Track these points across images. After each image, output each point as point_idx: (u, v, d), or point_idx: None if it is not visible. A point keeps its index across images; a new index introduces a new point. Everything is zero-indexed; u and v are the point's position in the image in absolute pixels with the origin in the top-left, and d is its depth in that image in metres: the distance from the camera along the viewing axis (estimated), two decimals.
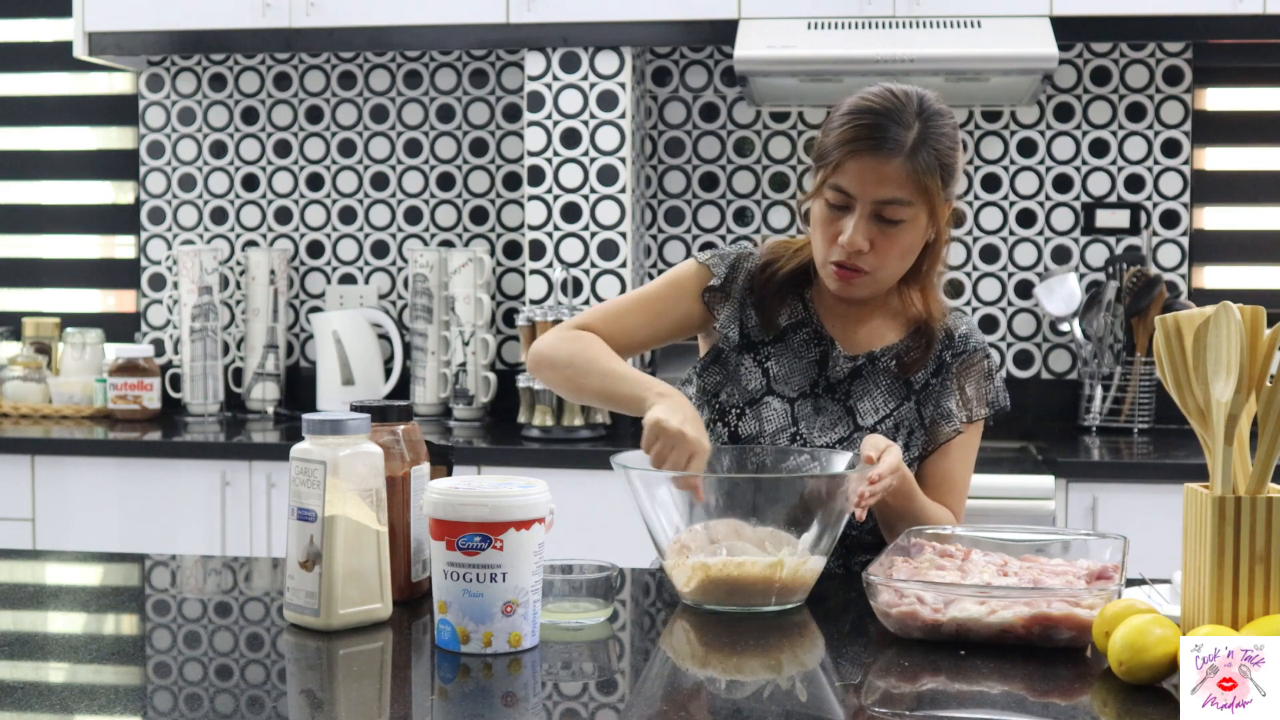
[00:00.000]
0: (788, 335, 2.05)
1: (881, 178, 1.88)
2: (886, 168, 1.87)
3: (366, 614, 1.61)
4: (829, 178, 1.91)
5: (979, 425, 2.07)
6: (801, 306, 2.05)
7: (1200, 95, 3.88)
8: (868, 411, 2.01)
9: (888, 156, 1.87)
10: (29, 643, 1.64)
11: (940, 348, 2.03)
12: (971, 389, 2.04)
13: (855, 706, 1.41)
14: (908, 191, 1.88)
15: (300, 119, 4.12)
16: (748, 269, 2.06)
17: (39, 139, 4.31)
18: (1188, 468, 3.16)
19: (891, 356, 2.02)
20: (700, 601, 1.73)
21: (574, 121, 3.69)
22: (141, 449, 3.54)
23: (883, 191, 1.88)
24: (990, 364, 2.06)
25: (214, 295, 3.94)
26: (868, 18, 3.51)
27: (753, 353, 2.05)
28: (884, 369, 2.02)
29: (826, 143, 1.92)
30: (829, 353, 2.03)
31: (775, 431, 2.01)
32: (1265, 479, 1.46)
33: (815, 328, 2.04)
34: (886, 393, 2.02)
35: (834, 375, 2.03)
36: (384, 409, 1.72)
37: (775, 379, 2.03)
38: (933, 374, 2.03)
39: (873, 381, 2.02)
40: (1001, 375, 2.10)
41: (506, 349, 4.02)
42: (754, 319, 2.05)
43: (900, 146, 1.87)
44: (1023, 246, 3.90)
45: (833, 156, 1.90)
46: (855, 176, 1.88)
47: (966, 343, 2.04)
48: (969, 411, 2.03)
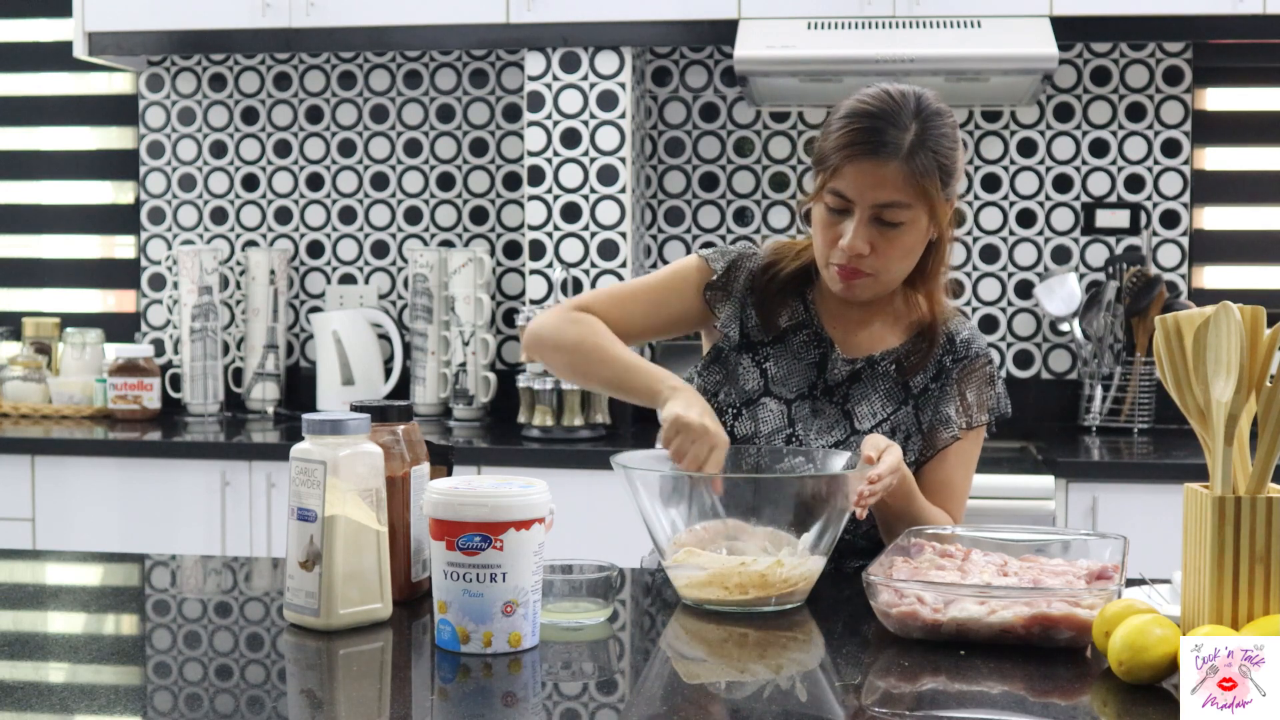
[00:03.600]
0: (788, 336, 2.04)
1: (879, 181, 1.87)
2: (884, 171, 1.87)
3: (366, 614, 1.61)
4: (828, 182, 1.90)
5: (979, 432, 2.05)
6: (803, 308, 2.05)
7: (1200, 95, 3.88)
8: (865, 415, 2.01)
9: (885, 160, 1.86)
10: (29, 643, 1.64)
11: (941, 352, 2.02)
12: (973, 395, 2.02)
13: (855, 706, 1.41)
14: (906, 194, 1.87)
15: (300, 119, 4.12)
16: (749, 269, 2.05)
17: (39, 139, 4.31)
18: (1188, 468, 3.16)
19: (891, 361, 2.02)
20: (700, 601, 1.73)
21: (574, 121, 3.69)
22: (141, 449, 3.54)
23: (881, 195, 1.87)
24: (992, 369, 2.05)
25: (214, 295, 3.94)
26: (868, 18, 3.51)
27: (751, 353, 2.05)
28: (883, 373, 2.02)
29: (825, 146, 1.92)
30: (828, 355, 2.02)
31: (771, 432, 2.01)
32: (1265, 479, 1.46)
33: (816, 330, 2.03)
34: (885, 397, 2.02)
35: (832, 378, 2.02)
36: (384, 409, 1.72)
37: (773, 380, 2.03)
38: (932, 379, 2.02)
39: (871, 385, 2.02)
40: (1003, 381, 2.09)
41: (506, 349, 4.02)
42: (754, 319, 2.04)
43: (898, 149, 1.87)
44: (1023, 246, 3.90)
45: (831, 161, 1.90)
46: (853, 181, 1.88)
47: (969, 348, 2.03)
48: (969, 418, 2.02)
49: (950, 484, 2.02)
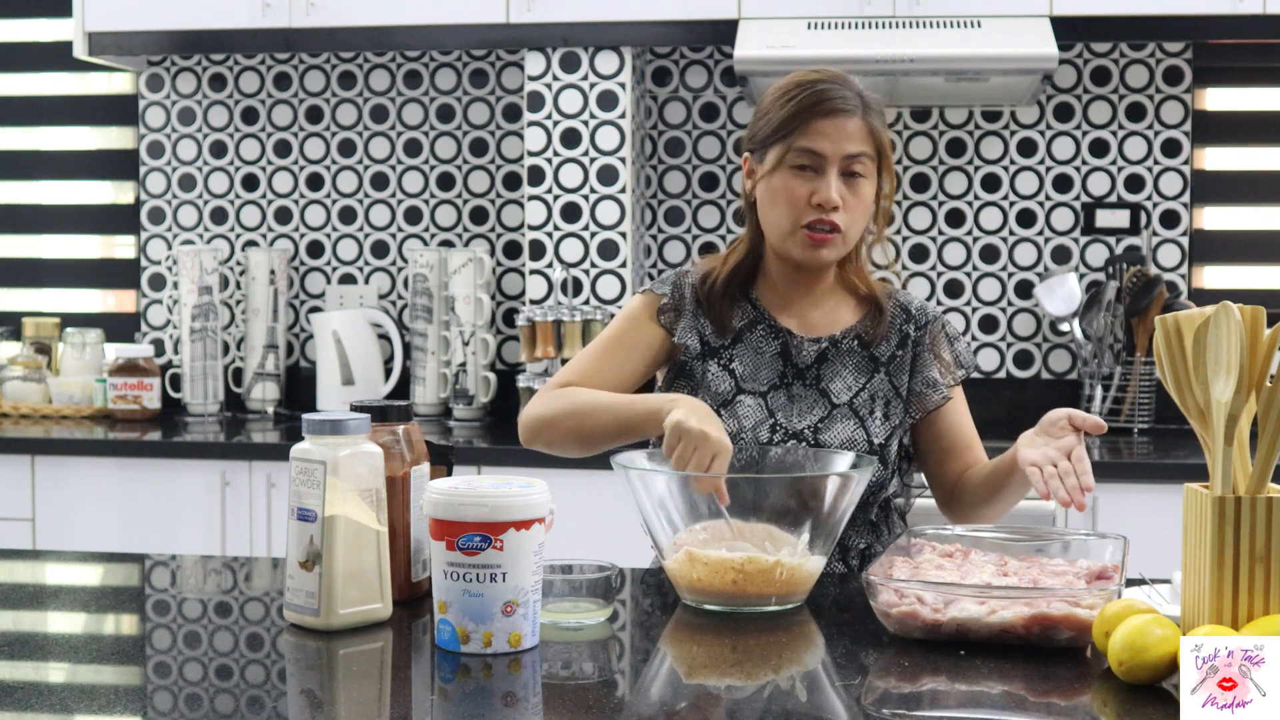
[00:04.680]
0: (744, 335, 2.09)
1: (847, 134, 1.98)
2: (850, 124, 1.99)
3: (366, 614, 1.61)
4: (793, 145, 1.98)
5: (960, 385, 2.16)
6: (750, 306, 2.10)
7: (1200, 95, 3.88)
8: (841, 390, 2.06)
9: (849, 114, 1.99)
10: (29, 643, 1.64)
11: (900, 320, 2.10)
12: (947, 354, 2.12)
13: (855, 707, 1.41)
14: (869, 145, 2.00)
15: (300, 119, 4.12)
16: (689, 284, 2.12)
17: (39, 139, 4.31)
18: (1188, 468, 3.16)
19: (853, 337, 2.09)
20: (700, 601, 1.73)
21: (574, 121, 3.69)
22: (141, 449, 3.54)
23: (850, 146, 1.98)
24: (949, 327, 2.14)
25: (214, 295, 3.94)
26: (868, 18, 3.51)
27: (715, 358, 2.08)
28: (847, 349, 2.08)
29: (777, 117, 2.00)
30: (789, 343, 2.07)
31: (755, 425, 2.04)
32: (1265, 479, 1.46)
33: (769, 323, 2.09)
34: (855, 370, 2.07)
35: (801, 361, 2.07)
36: (384, 409, 1.72)
37: (743, 378, 2.07)
38: (898, 346, 2.09)
39: (839, 362, 2.07)
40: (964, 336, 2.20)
41: (506, 349, 4.02)
42: (709, 327, 2.09)
43: (857, 105, 2.00)
44: (1023, 246, 3.90)
45: (794, 124, 1.98)
46: (825, 135, 1.98)
47: (925, 314, 2.13)
48: (952, 375, 2.11)
49: (967, 435, 2.12)
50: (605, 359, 2.10)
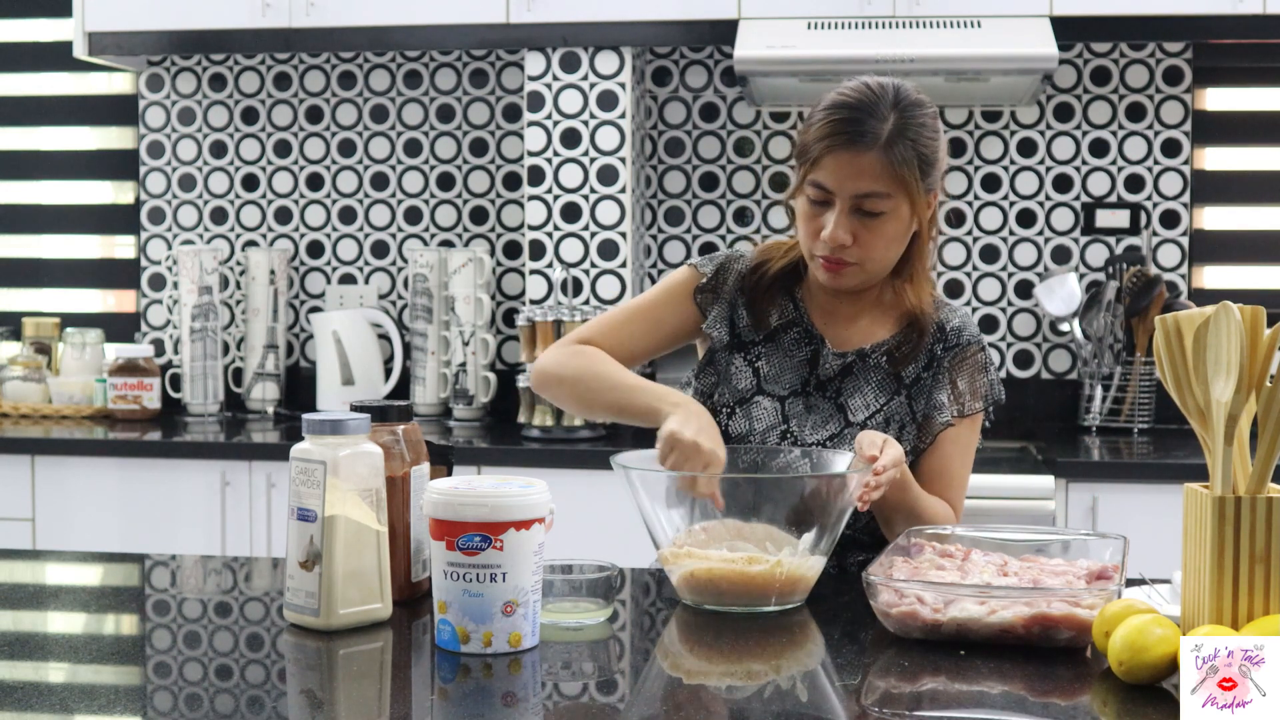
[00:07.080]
0: (778, 335, 2.06)
1: (858, 171, 1.89)
2: (862, 161, 1.89)
3: (366, 614, 1.61)
4: (808, 174, 1.93)
5: (975, 420, 2.06)
6: (792, 306, 2.06)
7: (1200, 95, 3.88)
8: (859, 408, 2.02)
9: (863, 150, 1.89)
10: (29, 643, 1.64)
11: (931, 341, 2.03)
12: (964, 383, 2.03)
13: (855, 706, 1.41)
14: (885, 184, 1.90)
15: (300, 119, 4.12)
16: (738, 270, 2.07)
17: (39, 139, 4.31)
18: (1188, 468, 3.16)
19: (882, 353, 2.03)
20: (700, 601, 1.73)
21: (574, 121, 3.69)
22: (141, 449, 3.54)
23: (860, 185, 1.90)
24: (984, 358, 2.06)
25: (214, 295, 3.94)
26: (868, 18, 3.51)
27: (743, 352, 2.06)
28: (874, 365, 2.03)
29: (806, 139, 1.95)
30: (819, 351, 2.04)
31: (766, 430, 2.02)
32: (1265, 479, 1.46)
33: (805, 327, 2.05)
34: (877, 388, 2.03)
35: (824, 373, 2.03)
36: (384, 409, 1.72)
37: (765, 378, 2.04)
38: (924, 368, 2.03)
39: (863, 378, 2.03)
40: (996, 368, 2.10)
41: (506, 349, 4.02)
42: (745, 319, 2.06)
43: (875, 139, 1.89)
44: (1023, 246, 3.90)
45: (811, 153, 1.92)
46: (832, 171, 1.90)
47: (959, 336, 2.04)
48: (960, 405, 2.02)
49: (947, 472, 2.02)
50: (631, 325, 2.08)
